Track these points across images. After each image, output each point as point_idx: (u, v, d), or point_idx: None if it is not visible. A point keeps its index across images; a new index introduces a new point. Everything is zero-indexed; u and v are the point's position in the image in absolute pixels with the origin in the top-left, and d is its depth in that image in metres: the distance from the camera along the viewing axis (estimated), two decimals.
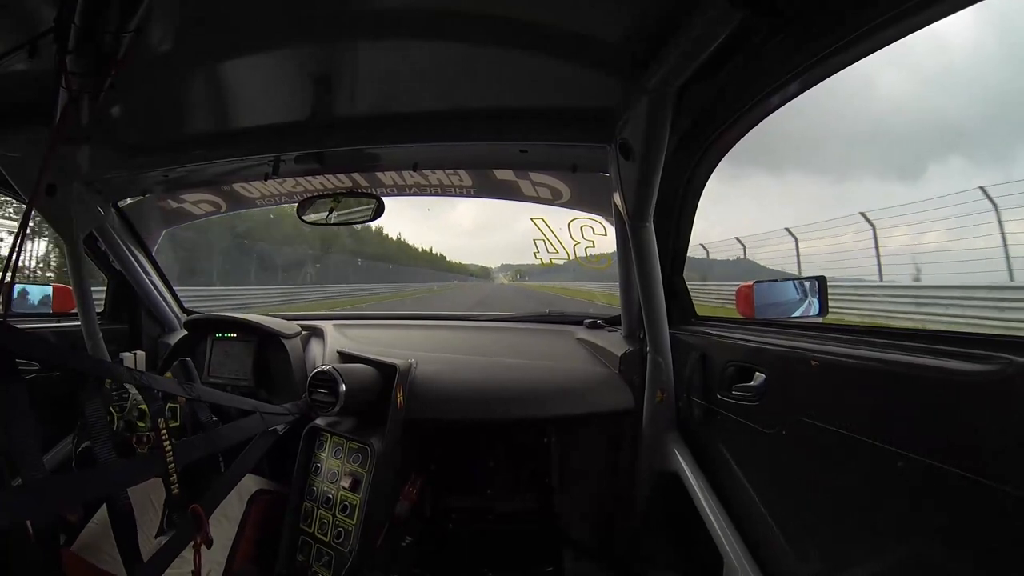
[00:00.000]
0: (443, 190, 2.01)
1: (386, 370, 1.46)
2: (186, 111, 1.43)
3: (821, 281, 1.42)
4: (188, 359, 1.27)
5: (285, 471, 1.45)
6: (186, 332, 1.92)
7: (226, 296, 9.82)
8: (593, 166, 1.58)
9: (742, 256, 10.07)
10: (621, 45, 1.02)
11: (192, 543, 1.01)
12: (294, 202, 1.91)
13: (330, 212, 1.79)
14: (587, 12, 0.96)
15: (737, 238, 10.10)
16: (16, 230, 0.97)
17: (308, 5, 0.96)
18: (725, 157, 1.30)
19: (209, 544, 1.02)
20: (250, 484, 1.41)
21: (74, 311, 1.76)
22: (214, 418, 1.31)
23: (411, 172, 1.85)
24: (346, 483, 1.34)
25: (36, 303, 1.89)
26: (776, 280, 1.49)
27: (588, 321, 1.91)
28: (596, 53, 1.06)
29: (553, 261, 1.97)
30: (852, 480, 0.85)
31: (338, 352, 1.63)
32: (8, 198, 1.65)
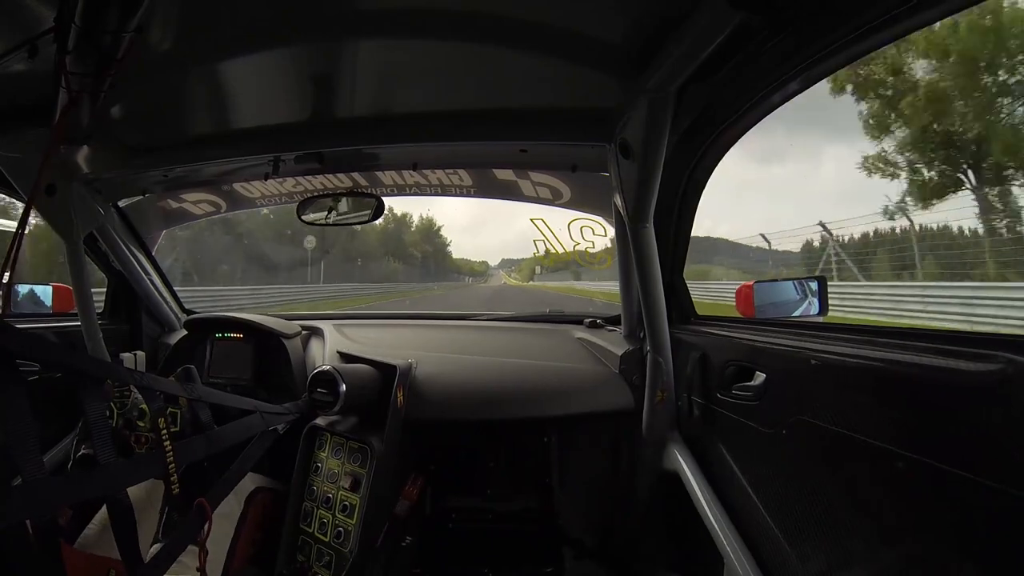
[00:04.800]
0: (443, 190, 2.01)
1: (386, 371, 1.46)
2: (186, 111, 1.43)
3: (821, 281, 1.44)
4: (191, 367, 1.26)
5: (285, 471, 1.45)
6: (186, 332, 1.92)
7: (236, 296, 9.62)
8: (593, 166, 1.58)
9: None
10: (620, 45, 1.02)
11: (194, 543, 1.01)
12: (294, 202, 1.91)
13: (329, 212, 1.80)
14: (587, 12, 0.96)
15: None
16: (16, 230, 0.97)
17: (308, 5, 0.96)
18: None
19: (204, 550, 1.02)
20: (248, 483, 1.41)
21: (74, 311, 1.76)
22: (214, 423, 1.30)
23: (411, 172, 1.85)
24: (346, 483, 1.34)
25: (36, 303, 1.89)
26: (776, 280, 1.50)
27: (588, 321, 1.91)
28: (596, 53, 1.06)
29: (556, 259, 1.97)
30: (852, 480, 0.85)
31: (338, 352, 1.63)
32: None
